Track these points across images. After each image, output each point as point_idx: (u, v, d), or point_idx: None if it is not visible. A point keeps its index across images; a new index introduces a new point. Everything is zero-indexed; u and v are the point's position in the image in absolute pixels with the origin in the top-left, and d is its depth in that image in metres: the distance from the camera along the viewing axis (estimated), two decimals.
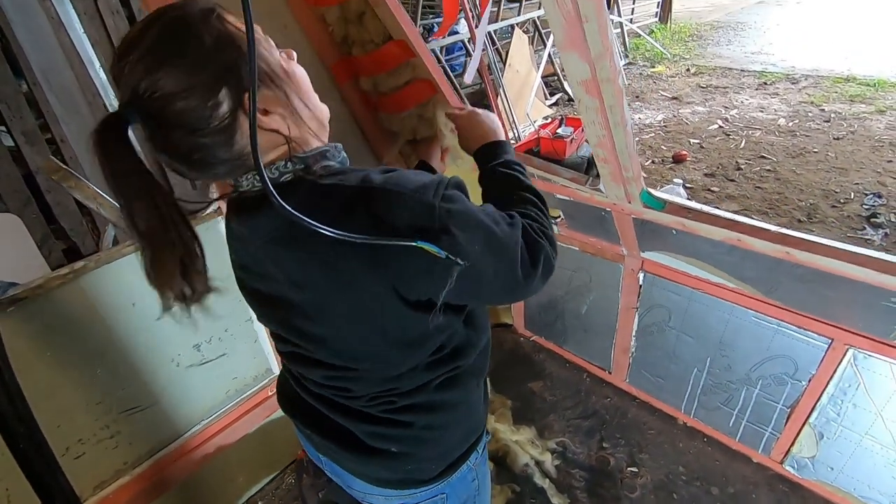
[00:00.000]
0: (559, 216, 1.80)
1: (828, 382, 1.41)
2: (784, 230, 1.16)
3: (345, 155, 0.72)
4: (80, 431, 1.21)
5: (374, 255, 0.60)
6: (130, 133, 0.58)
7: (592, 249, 1.80)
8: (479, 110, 1.06)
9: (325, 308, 0.67)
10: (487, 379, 0.93)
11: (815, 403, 1.46)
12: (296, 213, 0.55)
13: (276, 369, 1.58)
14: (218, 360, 1.44)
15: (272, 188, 0.54)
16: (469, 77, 0.97)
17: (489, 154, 0.95)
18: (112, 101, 2.83)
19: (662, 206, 1.32)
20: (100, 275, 1.13)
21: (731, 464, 1.69)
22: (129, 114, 0.57)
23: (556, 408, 1.94)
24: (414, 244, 0.58)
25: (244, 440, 1.54)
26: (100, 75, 2.75)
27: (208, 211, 1.27)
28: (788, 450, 1.57)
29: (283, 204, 0.55)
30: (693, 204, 1.30)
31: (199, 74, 0.57)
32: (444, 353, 0.76)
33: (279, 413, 1.61)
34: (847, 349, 1.34)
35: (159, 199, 0.58)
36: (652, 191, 1.35)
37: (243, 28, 0.59)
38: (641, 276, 1.70)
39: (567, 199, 1.63)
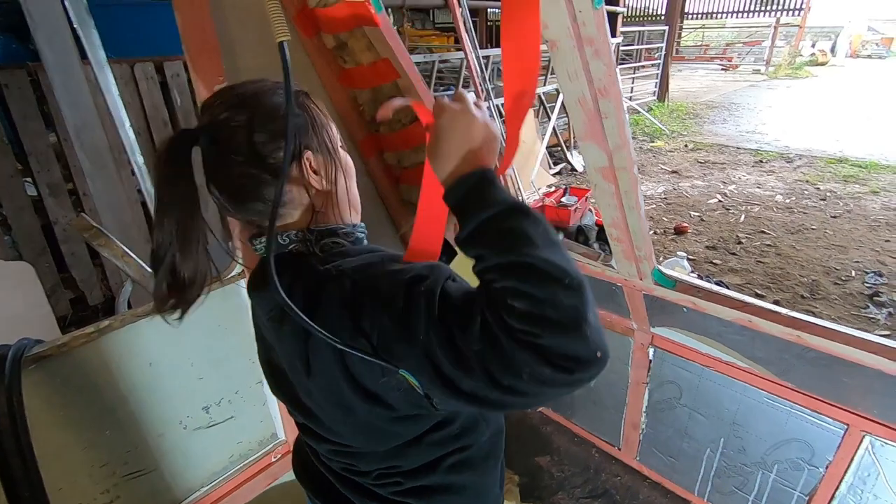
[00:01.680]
0: None
1: (846, 470, 1.38)
2: (795, 314, 1.19)
3: (360, 235, 0.74)
4: (80, 495, 1.17)
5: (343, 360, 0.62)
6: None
7: (602, 322, 1.81)
8: (457, 103, 0.64)
9: (311, 386, 0.69)
10: (503, 462, 0.89)
11: (834, 492, 1.42)
12: (285, 297, 0.57)
13: (282, 435, 1.55)
14: (225, 423, 1.41)
15: (275, 280, 0.57)
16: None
17: (468, 199, 0.58)
18: (137, 159, 2.96)
19: (673, 284, 1.36)
20: (122, 334, 1.14)
21: None
22: (202, 135, 0.64)
23: (565, 485, 1.88)
24: (398, 372, 0.57)
25: None
26: (129, 135, 2.89)
27: (232, 274, 1.30)
28: None
29: (280, 290, 0.57)
30: (703, 283, 1.34)
31: (273, 122, 0.64)
32: (450, 429, 0.72)
33: (282, 480, 1.56)
34: (864, 436, 1.32)
35: (196, 215, 0.64)
36: (663, 269, 1.39)
37: (323, 111, 0.71)
38: (651, 351, 1.70)
39: None
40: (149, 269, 1.53)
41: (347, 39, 1.19)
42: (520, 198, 4.99)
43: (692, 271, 3.90)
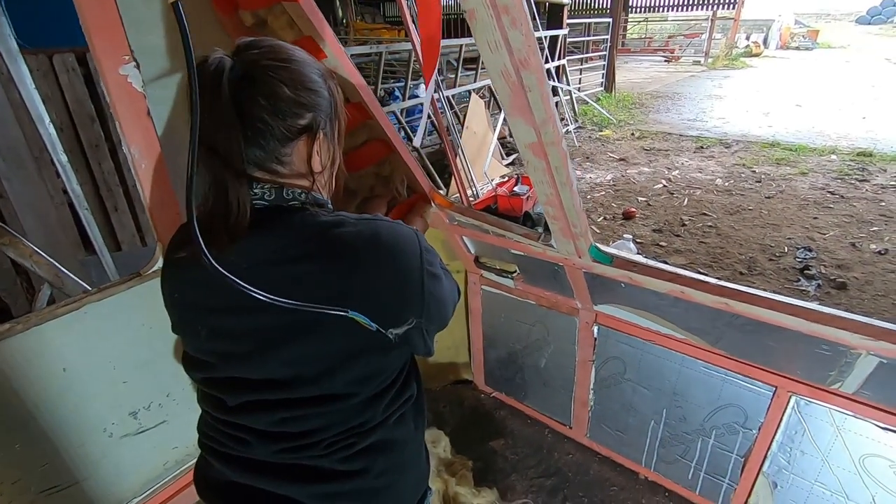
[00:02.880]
0: (515, 271, 1.84)
1: (776, 430, 1.45)
2: (722, 283, 1.23)
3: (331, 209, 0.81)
4: None
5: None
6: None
7: (548, 303, 1.83)
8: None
9: (324, 323, 0.69)
10: (426, 448, 0.95)
11: (767, 452, 1.49)
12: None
13: None
14: (157, 428, 1.34)
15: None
16: (418, 141, 0.99)
17: None
18: (60, 157, 2.75)
19: (611, 260, 1.38)
20: (27, 338, 1.05)
21: None
22: (235, 66, 0.67)
23: (519, 467, 1.90)
24: (346, 314, 0.67)
25: None
26: (49, 131, 2.69)
27: (154, 268, 1.22)
28: (746, 501, 1.58)
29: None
30: (639, 258, 1.37)
31: (305, 91, 0.70)
32: (402, 378, 0.82)
33: None
34: (790, 396, 1.39)
35: (237, 142, 0.67)
36: (600, 246, 1.41)
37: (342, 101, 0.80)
38: (596, 328, 1.73)
39: (521, 254, 1.67)
40: (61, 269, 1.43)
41: (267, 16, 1.14)
42: (472, 189, 4.97)
43: (639, 253, 4.03)
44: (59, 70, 3.06)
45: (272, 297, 0.63)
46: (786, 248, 4.10)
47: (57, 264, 1.33)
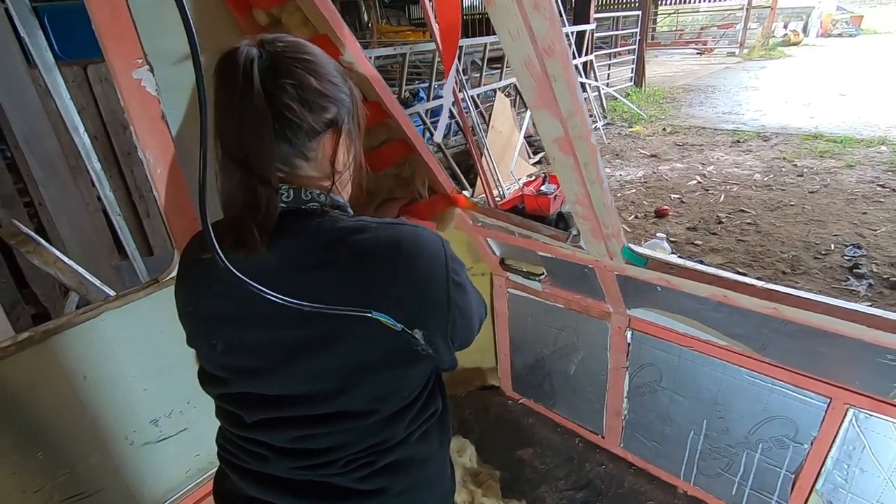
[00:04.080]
0: (543, 273, 1.76)
1: (831, 445, 1.33)
2: (771, 286, 1.13)
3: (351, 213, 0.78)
4: None
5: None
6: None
7: (578, 307, 1.75)
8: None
9: (345, 337, 0.66)
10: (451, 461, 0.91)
11: (821, 468, 1.37)
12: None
13: None
14: (178, 436, 1.32)
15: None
16: (438, 136, 0.94)
17: None
18: (94, 165, 2.82)
19: (645, 262, 1.30)
20: (47, 346, 1.04)
21: None
22: (263, 55, 0.64)
23: (548, 478, 1.82)
24: (370, 314, 0.61)
25: None
26: (84, 141, 2.76)
27: (171, 275, 1.20)
28: None
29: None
30: (676, 259, 1.27)
31: (329, 83, 0.68)
32: (425, 394, 0.78)
33: None
34: (847, 409, 1.27)
35: (268, 137, 0.63)
36: (634, 247, 1.33)
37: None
38: (629, 334, 1.64)
39: (549, 256, 1.60)
40: (85, 275, 1.43)
41: (280, 14, 1.10)
42: (498, 190, 4.91)
43: (673, 252, 3.87)
44: (93, 80, 3.15)
45: (291, 300, 0.59)
46: (832, 246, 3.87)
47: (81, 270, 1.34)
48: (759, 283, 1.14)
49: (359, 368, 0.67)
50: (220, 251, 0.57)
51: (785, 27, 17.00)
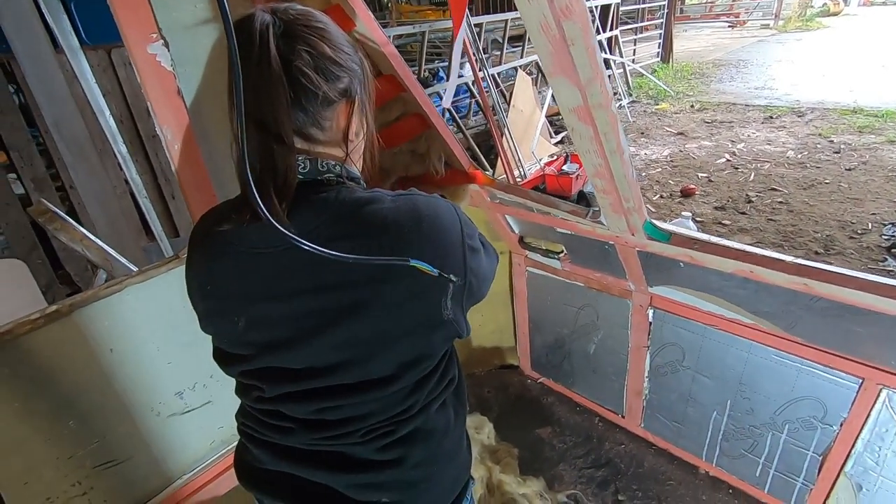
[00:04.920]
0: (562, 251, 1.73)
1: (862, 427, 1.29)
2: (800, 260, 1.08)
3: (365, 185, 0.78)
4: (48, 489, 1.12)
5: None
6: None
7: (598, 285, 1.72)
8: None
9: (370, 302, 0.65)
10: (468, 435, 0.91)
11: (850, 451, 1.33)
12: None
13: None
14: (202, 408, 1.36)
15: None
16: (447, 102, 0.91)
17: None
18: (120, 148, 2.88)
19: (668, 237, 1.26)
20: (74, 319, 1.08)
21: None
22: (276, 22, 0.64)
23: (567, 456, 1.81)
24: (408, 262, 0.62)
25: (229, 496, 1.44)
26: (110, 124, 2.80)
27: None
28: (824, 503, 1.42)
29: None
30: (700, 234, 1.23)
31: (343, 51, 0.68)
32: (444, 363, 0.77)
33: None
34: (880, 389, 1.22)
35: (284, 102, 0.63)
36: (656, 222, 1.29)
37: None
38: (651, 312, 1.61)
39: (568, 232, 1.56)
40: (111, 252, 1.47)
41: None
42: (519, 170, 4.84)
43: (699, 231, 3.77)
44: (118, 64, 3.20)
45: (335, 253, 0.60)
46: (870, 225, 3.71)
47: (106, 247, 1.37)
48: (789, 258, 1.10)
49: (386, 335, 0.67)
50: (262, 206, 0.58)
51: None
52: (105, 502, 1.23)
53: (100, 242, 1.37)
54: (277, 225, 0.58)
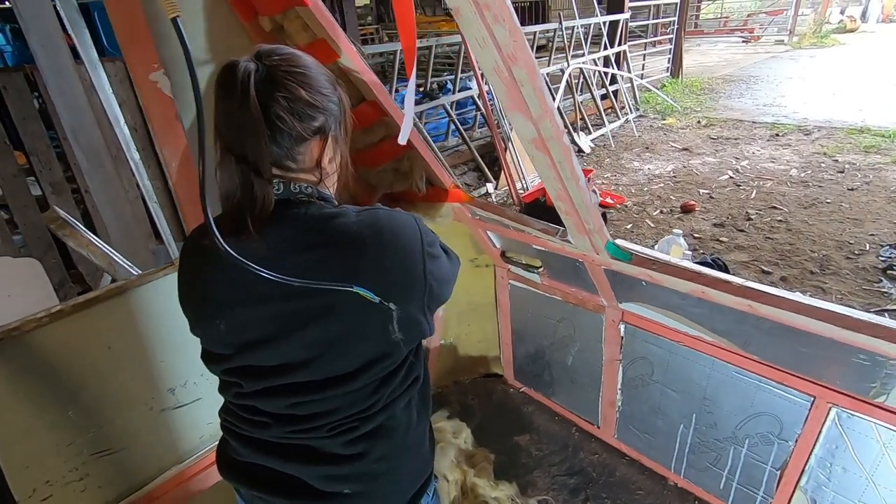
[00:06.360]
0: (541, 266, 1.81)
1: (815, 443, 1.34)
2: (745, 283, 1.15)
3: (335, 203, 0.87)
4: (48, 473, 1.23)
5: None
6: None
7: (574, 300, 1.79)
8: None
9: (336, 306, 0.73)
10: (433, 433, 0.98)
11: (805, 466, 1.38)
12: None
13: None
14: (193, 405, 1.46)
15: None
16: (403, 139, 0.99)
17: None
18: (133, 155, 3.03)
19: (629, 257, 1.33)
20: (77, 319, 1.18)
21: None
22: (260, 67, 0.72)
23: (542, 463, 1.88)
24: (351, 289, 0.70)
25: (216, 488, 1.53)
26: (124, 132, 2.96)
27: None
28: None
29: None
30: (658, 255, 1.31)
31: (321, 94, 0.76)
32: (408, 362, 0.85)
33: None
34: (830, 408, 1.28)
35: (263, 140, 0.72)
36: (620, 242, 1.37)
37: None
38: (622, 327, 1.68)
39: (544, 249, 1.65)
40: (115, 257, 1.59)
41: (283, 21, 1.19)
42: (522, 182, 4.90)
43: (691, 249, 3.81)
44: None
45: (280, 276, 0.68)
46: (867, 246, 3.72)
47: (111, 252, 1.48)
48: (736, 280, 1.17)
49: (351, 334, 0.75)
50: (219, 236, 0.67)
51: (842, 13, 16.02)
52: (100, 488, 1.33)
53: (105, 248, 1.49)
54: (232, 253, 0.67)
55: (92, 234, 1.53)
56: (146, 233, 3.43)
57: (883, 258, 3.54)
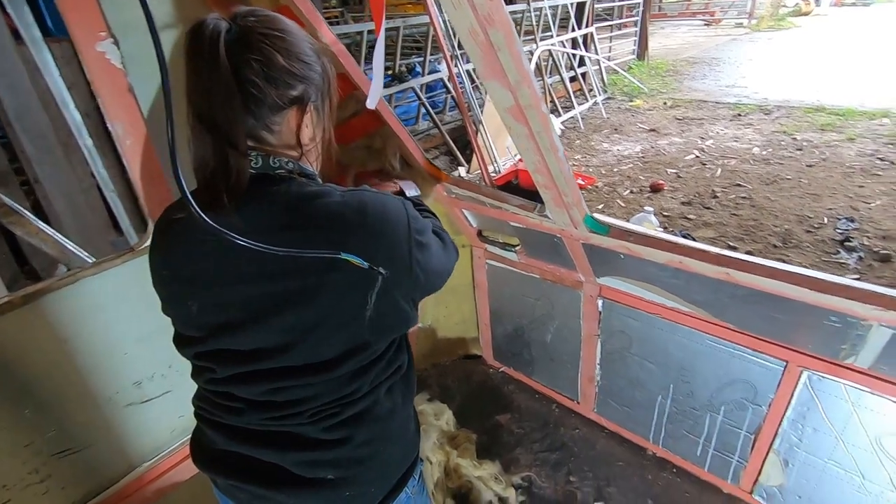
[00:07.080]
0: (518, 244, 1.80)
1: (787, 407, 1.39)
2: (721, 251, 1.16)
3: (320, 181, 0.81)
4: (4, 476, 1.15)
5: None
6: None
7: (552, 277, 1.79)
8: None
9: (317, 289, 0.69)
10: (416, 415, 0.96)
11: (777, 429, 1.42)
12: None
13: None
14: (161, 398, 1.39)
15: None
16: (372, 103, 0.94)
17: None
18: (86, 142, 2.86)
19: (606, 230, 1.33)
20: (27, 311, 1.10)
21: (701, 496, 1.63)
22: (233, 28, 0.66)
23: (523, 441, 1.89)
24: (338, 255, 0.66)
25: (189, 483, 1.47)
26: (74, 117, 2.79)
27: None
28: (756, 478, 1.52)
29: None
30: (636, 227, 1.31)
31: (299, 62, 0.70)
32: (391, 350, 0.82)
33: None
34: (801, 371, 1.32)
35: (235, 107, 0.66)
36: (597, 215, 1.36)
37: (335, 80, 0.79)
38: (600, 302, 1.69)
39: (521, 226, 1.63)
40: (68, 245, 1.49)
41: None
42: (494, 165, 4.88)
43: (661, 226, 3.88)
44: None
45: (265, 246, 0.63)
46: (825, 220, 3.87)
47: (62, 240, 1.38)
48: (712, 249, 1.18)
49: (331, 321, 0.71)
50: (195, 205, 0.60)
51: None
52: (63, 489, 1.26)
53: (57, 236, 1.39)
54: (208, 221, 0.61)
55: (42, 222, 1.43)
56: (104, 223, 3.25)
57: (840, 230, 3.69)
